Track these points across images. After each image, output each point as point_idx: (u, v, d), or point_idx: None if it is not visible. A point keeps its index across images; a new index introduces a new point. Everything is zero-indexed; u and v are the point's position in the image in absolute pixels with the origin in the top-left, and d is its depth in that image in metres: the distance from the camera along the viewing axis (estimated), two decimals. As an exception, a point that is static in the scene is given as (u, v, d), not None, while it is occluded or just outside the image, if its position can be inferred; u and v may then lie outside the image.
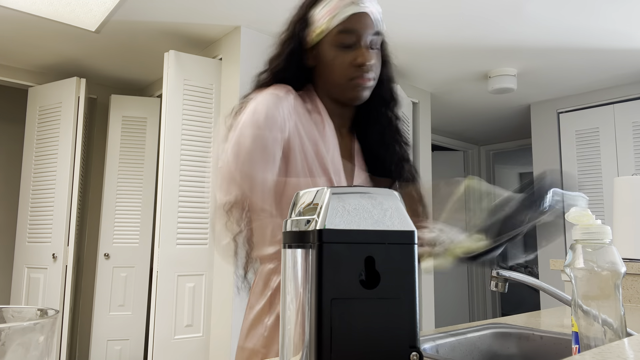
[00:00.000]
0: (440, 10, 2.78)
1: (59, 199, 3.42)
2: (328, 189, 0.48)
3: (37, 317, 0.40)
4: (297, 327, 0.47)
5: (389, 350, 0.45)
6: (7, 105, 4.21)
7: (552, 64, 3.57)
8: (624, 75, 3.77)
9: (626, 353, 0.43)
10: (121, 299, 3.67)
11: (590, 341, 0.61)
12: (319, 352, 0.43)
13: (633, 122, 3.87)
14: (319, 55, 1.00)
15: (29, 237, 3.52)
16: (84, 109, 3.57)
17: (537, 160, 4.46)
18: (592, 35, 3.07)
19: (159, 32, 3.09)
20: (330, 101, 1.03)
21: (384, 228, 0.46)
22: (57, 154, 3.48)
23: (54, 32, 3.12)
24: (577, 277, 0.63)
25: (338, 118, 1.05)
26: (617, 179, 1.81)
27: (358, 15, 0.96)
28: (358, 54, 0.96)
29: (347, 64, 0.97)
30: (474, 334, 1.04)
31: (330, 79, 0.99)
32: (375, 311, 0.45)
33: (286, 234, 0.51)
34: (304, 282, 0.46)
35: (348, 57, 0.97)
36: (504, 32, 3.05)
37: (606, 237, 0.63)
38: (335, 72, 0.98)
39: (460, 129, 5.41)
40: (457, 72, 3.75)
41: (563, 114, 4.29)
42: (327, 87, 1.01)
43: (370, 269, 0.45)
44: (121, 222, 3.73)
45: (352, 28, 0.96)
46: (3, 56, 3.52)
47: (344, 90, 0.99)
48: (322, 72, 1.01)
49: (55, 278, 3.33)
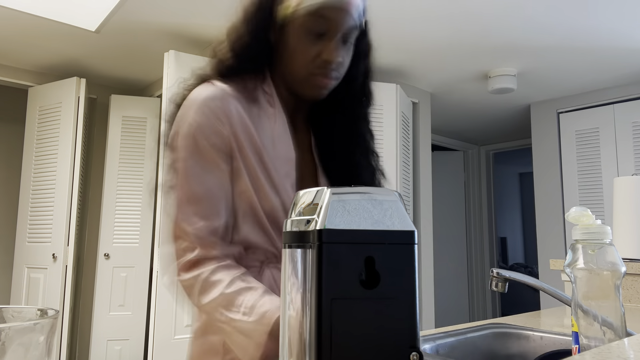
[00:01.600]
0: (440, 10, 2.78)
1: (59, 199, 3.42)
2: (328, 189, 0.48)
3: (37, 317, 0.40)
4: (296, 327, 0.47)
5: (389, 350, 0.45)
6: (7, 105, 4.22)
7: (552, 64, 3.57)
8: (624, 75, 3.77)
9: (626, 353, 0.43)
10: (121, 299, 3.67)
11: (590, 341, 0.61)
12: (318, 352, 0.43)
13: (633, 122, 3.87)
14: (283, 35, 0.85)
15: (29, 237, 3.52)
16: (84, 109, 3.58)
17: (537, 160, 4.46)
18: (592, 35, 3.07)
19: (159, 32, 3.09)
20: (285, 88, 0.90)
21: (384, 228, 0.47)
22: (57, 154, 3.48)
23: (54, 32, 3.12)
24: (577, 277, 0.63)
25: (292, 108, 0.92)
26: (617, 179, 1.82)
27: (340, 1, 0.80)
28: (325, 48, 0.82)
29: (312, 56, 0.83)
30: (474, 334, 1.04)
31: (289, 67, 0.85)
32: (375, 311, 0.45)
33: (286, 234, 0.51)
34: (304, 282, 0.46)
35: (313, 49, 0.82)
36: (504, 32, 3.05)
37: (606, 237, 0.63)
38: (296, 61, 0.84)
39: (460, 129, 5.41)
40: (457, 72, 3.75)
41: (563, 114, 4.29)
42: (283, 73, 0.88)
43: (370, 269, 0.45)
44: (121, 222, 3.73)
45: (328, 15, 0.80)
46: (3, 56, 3.52)
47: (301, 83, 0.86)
48: (282, 55, 0.86)
49: (55, 278, 3.33)
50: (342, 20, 0.81)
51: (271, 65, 0.90)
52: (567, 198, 4.19)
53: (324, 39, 0.82)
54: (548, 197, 4.34)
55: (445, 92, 4.18)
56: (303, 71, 0.84)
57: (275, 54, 0.88)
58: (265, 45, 0.86)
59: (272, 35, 0.86)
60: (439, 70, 3.70)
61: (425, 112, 4.15)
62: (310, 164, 0.93)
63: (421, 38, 3.15)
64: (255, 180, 0.82)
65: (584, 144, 4.13)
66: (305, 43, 0.83)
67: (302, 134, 0.95)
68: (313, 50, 0.83)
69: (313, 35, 0.82)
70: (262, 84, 0.88)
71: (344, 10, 0.81)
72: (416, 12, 2.82)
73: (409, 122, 3.85)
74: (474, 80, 3.89)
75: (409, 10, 2.79)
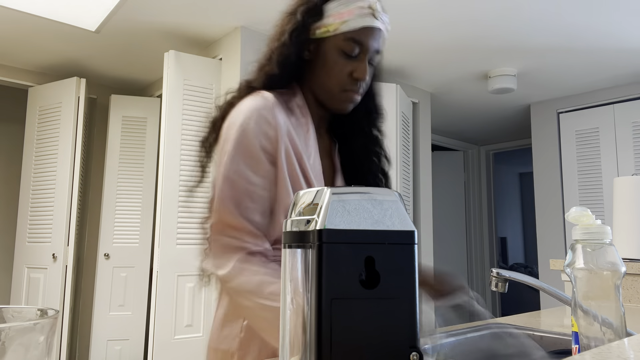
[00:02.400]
0: (440, 10, 2.78)
1: (59, 199, 3.42)
2: (328, 189, 0.48)
3: (37, 317, 0.40)
4: (297, 327, 0.47)
5: (389, 350, 0.45)
6: (7, 105, 4.22)
7: (552, 64, 3.57)
8: (624, 75, 3.77)
9: (626, 353, 0.43)
10: (121, 299, 3.67)
11: (590, 341, 0.61)
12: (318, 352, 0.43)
13: (633, 122, 3.87)
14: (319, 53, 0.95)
15: (29, 237, 3.52)
16: (84, 109, 3.58)
17: (537, 160, 4.46)
18: (592, 35, 3.07)
19: (159, 32, 3.09)
20: (313, 100, 1.00)
21: (384, 228, 0.47)
22: (57, 154, 3.48)
23: (54, 32, 3.12)
24: (577, 277, 0.63)
25: (318, 119, 1.03)
26: (617, 179, 1.82)
27: (372, 29, 0.93)
28: (358, 68, 0.93)
29: (345, 73, 0.94)
30: (474, 334, 1.04)
31: (322, 82, 0.96)
32: (375, 311, 0.45)
33: (286, 234, 0.51)
34: (304, 282, 0.46)
35: (348, 67, 0.93)
36: (504, 32, 3.05)
37: (606, 237, 0.63)
38: (331, 77, 0.94)
39: (460, 129, 5.41)
40: (457, 72, 3.75)
41: (563, 114, 4.29)
42: (316, 88, 0.98)
43: (370, 269, 0.45)
44: (121, 222, 3.73)
45: (362, 40, 0.92)
46: (3, 56, 3.52)
47: (332, 97, 0.96)
48: (315, 71, 0.97)
49: (55, 278, 3.33)
50: (372, 44, 0.94)
51: (302, 80, 1.00)
52: (567, 198, 4.19)
53: (356, 60, 0.94)
54: (548, 197, 4.34)
55: (445, 92, 4.18)
56: (336, 86, 0.95)
57: (307, 70, 0.99)
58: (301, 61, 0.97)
59: (305, 52, 0.97)
60: (439, 70, 3.70)
61: (425, 112, 4.15)
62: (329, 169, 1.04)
63: (421, 38, 3.16)
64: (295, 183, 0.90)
65: (584, 144, 4.13)
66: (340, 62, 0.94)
67: (325, 141, 1.06)
68: (347, 69, 0.94)
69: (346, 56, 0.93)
70: (295, 96, 0.99)
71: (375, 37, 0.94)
72: (416, 12, 2.82)
73: (409, 122, 3.85)
74: (474, 80, 3.89)
75: (409, 10, 2.79)
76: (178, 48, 3.24)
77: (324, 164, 1.01)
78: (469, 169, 6.01)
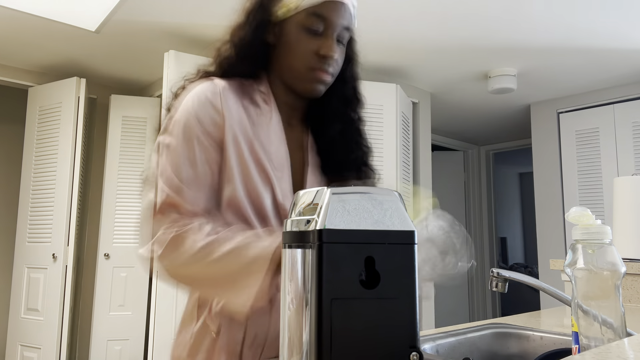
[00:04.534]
0: (440, 10, 2.78)
1: (59, 199, 3.42)
2: (328, 189, 0.48)
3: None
4: (297, 327, 0.47)
5: (389, 350, 0.45)
6: (7, 105, 4.22)
7: (552, 64, 3.57)
8: (624, 75, 3.77)
9: (626, 353, 0.43)
10: (121, 299, 3.66)
11: (590, 341, 0.61)
12: (319, 352, 0.43)
13: (633, 122, 3.87)
14: (282, 34, 0.90)
15: (29, 237, 3.52)
16: (84, 109, 3.57)
17: (537, 160, 4.46)
18: (592, 35, 3.07)
19: (159, 32, 3.09)
20: (282, 88, 0.95)
21: (384, 228, 0.46)
22: (57, 154, 3.48)
23: (54, 32, 3.12)
24: (577, 277, 0.63)
25: (288, 108, 0.97)
26: (617, 179, 1.82)
27: (334, 3, 0.87)
28: (324, 44, 0.88)
29: (311, 51, 0.88)
30: (474, 334, 1.04)
31: (287, 63, 0.91)
32: (375, 311, 0.45)
33: (286, 234, 0.51)
34: (304, 282, 0.46)
35: (312, 45, 0.88)
36: (504, 32, 3.05)
37: (606, 237, 0.63)
38: (295, 57, 0.89)
39: (460, 129, 5.41)
40: (457, 72, 3.75)
41: (563, 114, 4.29)
42: (282, 71, 0.92)
43: (370, 269, 0.45)
44: (121, 222, 3.73)
45: (324, 14, 0.87)
46: (3, 56, 3.52)
47: (300, 78, 0.91)
48: (280, 54, 0.92)
49: (55, 278, 3.33)
50: (337, 19, 0.89)
51: (268, 65, 0.95)
52: (567, 198, 4.19)
53: (321, 37, 0.89)
54: (548, 197, 4.34)
55: (445, 92, 4.18)
56: (302, 66, 0.89)
57: (272, 54, 0.93)
58: (264, 45, 0.92)
59: (269, 36, 0.91)
60: (439, 70, 3.70)
61: (425, 112, 4.15)
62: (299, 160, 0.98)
63: (421, 38, 3.15)
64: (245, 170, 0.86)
65: (584, 144, 4.12)
66: (304, 40, 0.88)
67: (297, 132, 0.99)
68: (311, 46, 0.88)
69: (311, 33, 0.88)
70: (258, 84, 0.94)
71: (338, 11, 0.88)
72: (416, 12, 2.82)
73: (409, 122, 3.85)
74: (474, 80, 3.89)
75: (409, 10, 2.79)
76: (178, 48, 3.24)
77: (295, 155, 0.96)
78: (469, 169, 6.01)
